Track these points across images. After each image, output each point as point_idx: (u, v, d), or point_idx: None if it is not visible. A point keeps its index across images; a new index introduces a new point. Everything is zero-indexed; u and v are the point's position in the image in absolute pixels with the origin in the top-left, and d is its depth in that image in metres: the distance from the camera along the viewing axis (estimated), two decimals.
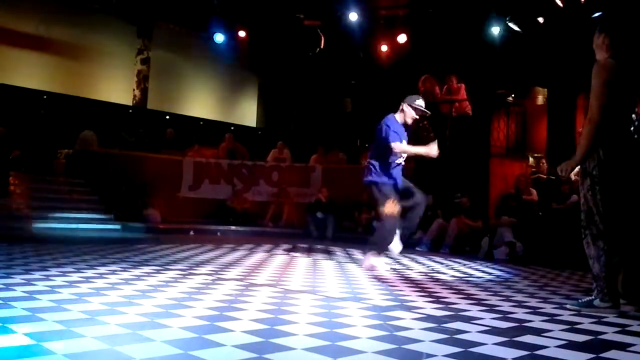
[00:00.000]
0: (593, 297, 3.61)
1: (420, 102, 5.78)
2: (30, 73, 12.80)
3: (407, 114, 5.71)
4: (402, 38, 13.00)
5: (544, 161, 10.34)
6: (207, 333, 2.47)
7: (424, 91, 10.69)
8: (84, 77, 13.67)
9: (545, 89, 12.13)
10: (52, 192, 10.05)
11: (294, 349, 2.28)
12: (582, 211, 3.64)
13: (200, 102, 16.05)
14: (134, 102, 14.26)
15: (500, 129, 10.01)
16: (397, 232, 5.66)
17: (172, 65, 15.20)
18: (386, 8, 13.18)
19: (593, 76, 3.58)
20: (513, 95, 10.87)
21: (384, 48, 13.52)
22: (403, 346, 2.41)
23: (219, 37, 14.08)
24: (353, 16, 12.72)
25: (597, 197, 3.54)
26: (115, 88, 14.16)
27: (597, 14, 8.61)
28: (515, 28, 10.51)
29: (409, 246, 9.10)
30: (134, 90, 14.28)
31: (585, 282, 5.21)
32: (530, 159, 11.05)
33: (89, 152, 11.12)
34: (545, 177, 9.57)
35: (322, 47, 13.65)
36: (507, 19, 10.54)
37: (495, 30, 11.09)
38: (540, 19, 11.03)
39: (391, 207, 5.43)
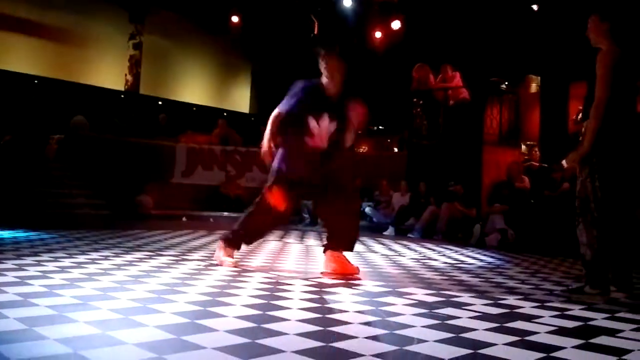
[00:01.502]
0: (583, 283, 3.63)
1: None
2: (22, 57, 12.70)
3: (328, 69, 4.13)
4: (396, 24, 12.96)
5: (536, 149, 10.37)
6: (199, 318, 2.47)
7: (417, 79, 10.68)
8: (76, 61, 13.57)
9: (539, 77, 12.14)
10: (43, 177, 10.00)
11: (286, 334, 2.29)
12: (578, 198, 3.64)
13: (193, 88, 15.98)
14: (126, 87, 14.18)
15: (493, 116, 10.01)
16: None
17: (165, 50, 15.11)
18: None
19: (598, 64, 3.57)
20: (506, 83, 10.87)
21: (378, 34, 13.48)
22: (395, 332, 2.42)
23: None
24: (347, 2, 12.66)
25: (595, 185, 3.54)
26: (108, 73, 14.07)
27: None
28: None
29: (401, 233, 9.17)
30: (126, 75, 14.19)
31: (576, 269, 5.24)
32: (523, 147, 11.08)
33: (80, 138, 11.05)
34: (537, 164, 9.60)
35: (315, 33, 13.59)
36: None
37: None
38: (535, 7, 11.02)
39: (273, 195, 4.11)
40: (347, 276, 4.05)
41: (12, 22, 12.54)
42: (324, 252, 4.33)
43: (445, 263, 5.41)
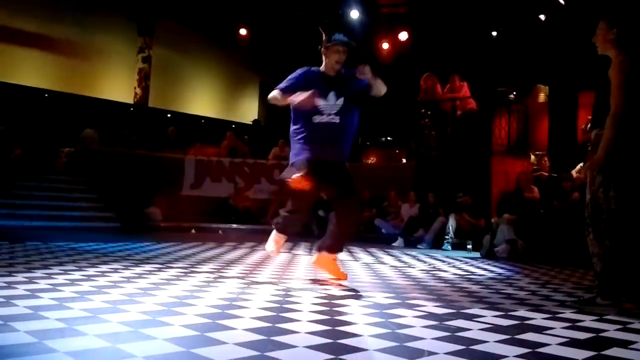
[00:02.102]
0: (595, 294, 3.60)
1: (337, 36, 4.40)
2: (32, 71, 12.83)
3: (327, 58, 4.37)
4: (403, 36, 13.00)
5: (545, 159, 10.34)
6: (209, 331, 2.47)
7: (425, 89, 10.69)
8: (86, 75, 13.70)
9: (547, 87, 12.13)
10: (54, 190, 10.07)
11: (295, 346, 2.28)
12: (590, 207, 3.60)
13: (202, 100, 16.08)
14: (136, 100, 14.29)
15: (501, 126, 10.00)
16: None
17: (174, 63, 15.22)
18: (387, 6, 13.19)
19: (612, 72, 3.54)
20: (515, 93, 10.87)
21: (386, 46, 13.52)
22: (405, 344, 2.41)
23: None
24: (354, 14, 12.72)
25: (609, 194, 3.50)
26: (117, 86, 14.19)
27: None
28: None
29: (410, 244, 9.15)
30: (135, 88, 14.30)
31: (587, 280, 5.20)
32: (532, 157, 11.05)
33: (90, 151, 11.13)
34: (546, 174, 9.57)
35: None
36: None
37: None
38: (542, 17, 11.03)
39: (297, 180, 4.05)
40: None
41: (23, 36, 12.68)
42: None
43: (455, 274, 5.38)
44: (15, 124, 10.97)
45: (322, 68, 4.40)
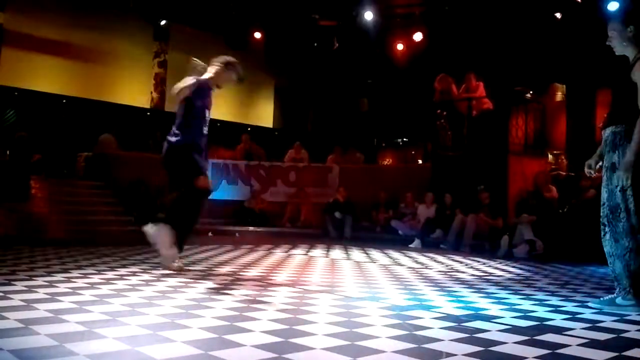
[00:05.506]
0: (615, 295, 3.56)
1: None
2: (50, 78, 12.97)
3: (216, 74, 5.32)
4: (418, 36, 12.97)
5: (563, 158, 10.25)
6: (226, 333, 2.48)
7: (440, 91, 10.64)
8: (103, 80, 13.83)
9: (564, 86, 12.02)
10: (73, 195, 10.16)
11: (313, 348, 2.28)
12: (607, 206, 3.56)
13: (217, 104, 15.95)
14: (152, 104, 14.39)
15: (518, 126, 9.92)
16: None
17: (189, 67, 15.29)
18: (402, 6, 13.17)
19: (637, 73, 3.47)
20: (531, 92, 10.79)
21: (400, 46, 13.49)
22: (423, 345, 2.40)
23: None
24: (368, 15, 12.71)
25: (627, 193, 3.46)
26: (133, 91, 14.30)
27: None
28: None
29: (428, 245, 9.11)
30: (151, 92, 14.41)
31: (607, 280, 5.14)
32: (550, 156, 10.96)
33: (108, 155, 11.22)
34: (564, 174, 9.48)
35: (334, 47, 13.67)
36: None
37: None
38: (558, 15, 10.93)
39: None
40: None
41: (40, 43, 12.83)
42: None
43: (473, 275, 5.35)
44: (35, 130, 11.09)
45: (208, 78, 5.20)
